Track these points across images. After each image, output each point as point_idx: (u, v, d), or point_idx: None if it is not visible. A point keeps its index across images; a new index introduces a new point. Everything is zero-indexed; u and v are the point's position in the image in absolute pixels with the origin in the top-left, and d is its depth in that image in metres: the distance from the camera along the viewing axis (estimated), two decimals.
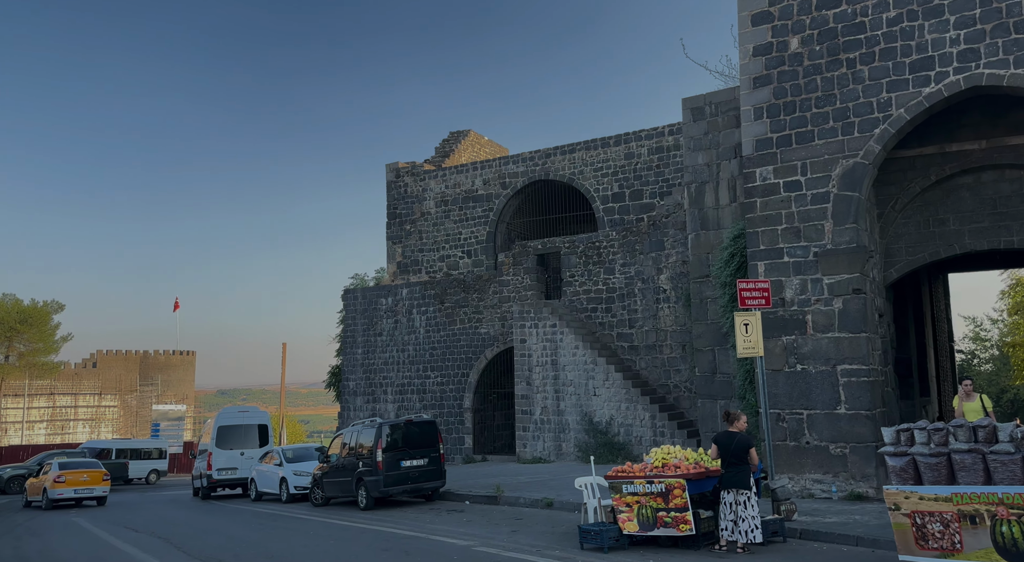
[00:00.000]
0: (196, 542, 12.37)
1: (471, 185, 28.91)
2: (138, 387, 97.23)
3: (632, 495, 9.63)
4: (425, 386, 27.05)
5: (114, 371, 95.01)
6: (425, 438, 16.49)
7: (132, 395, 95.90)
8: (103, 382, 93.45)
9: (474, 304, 26.44)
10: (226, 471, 23.16)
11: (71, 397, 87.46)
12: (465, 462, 25.48)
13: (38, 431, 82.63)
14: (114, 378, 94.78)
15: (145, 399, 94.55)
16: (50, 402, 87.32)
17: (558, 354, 23.34)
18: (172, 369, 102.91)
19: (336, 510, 16.51)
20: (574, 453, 22.51)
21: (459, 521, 13.08)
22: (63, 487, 22.28)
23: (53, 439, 77.58)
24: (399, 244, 30.08)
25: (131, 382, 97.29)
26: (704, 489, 9.60)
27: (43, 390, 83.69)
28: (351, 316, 28.81)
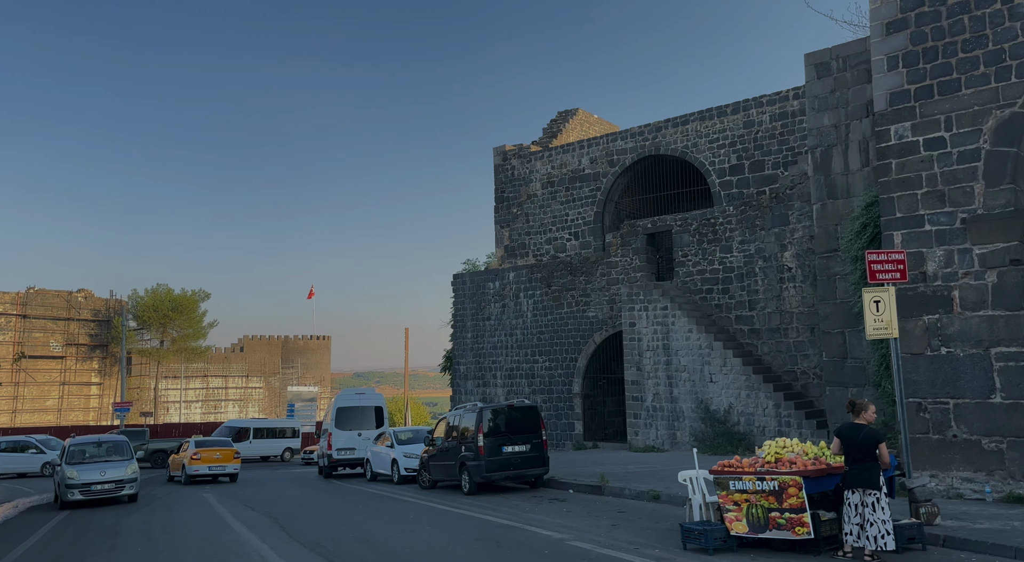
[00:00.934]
0: (302, 523, 12.55)
1: (577, 164, 28.05)
2: (280, 370, 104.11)
3: (740, 492, 8.62)
4: (533, 371, 26.65)
5: (259, 355, 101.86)
6: (527, 424, 16.02)
7: (275, 377, 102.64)
8: (249, 365, 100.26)
9: (581, 287, 25.67)
10: (345, 451, 23.86)
11: (222, 379, 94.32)
12: (575, 448, 24.87)
13: (194, 410, 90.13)
14: (259, 361, 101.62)
15: (287, 381, 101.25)
16: (204, 384, 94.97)
17: (670, 338, 22.15)
18: (310, 353, 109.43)
19: (441, 494, 16.42)
20: (689, 442, 21.31)
21: (558, 511, 12.50)
22: (199, 464, 23.78)
23: (207, 417, 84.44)
24: (506, 228, 29.77)
25: (274, 365, 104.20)
26: (825, 488, 8.43)
27: (197, 373, 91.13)
28: (460, 301, 28.88)
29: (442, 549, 9.46)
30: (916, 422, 11.35)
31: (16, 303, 52.81)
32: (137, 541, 11.64)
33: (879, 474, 8.02)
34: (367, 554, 9.36)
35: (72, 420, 53.21)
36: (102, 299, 58.56)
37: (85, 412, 55.39)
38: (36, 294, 54.26)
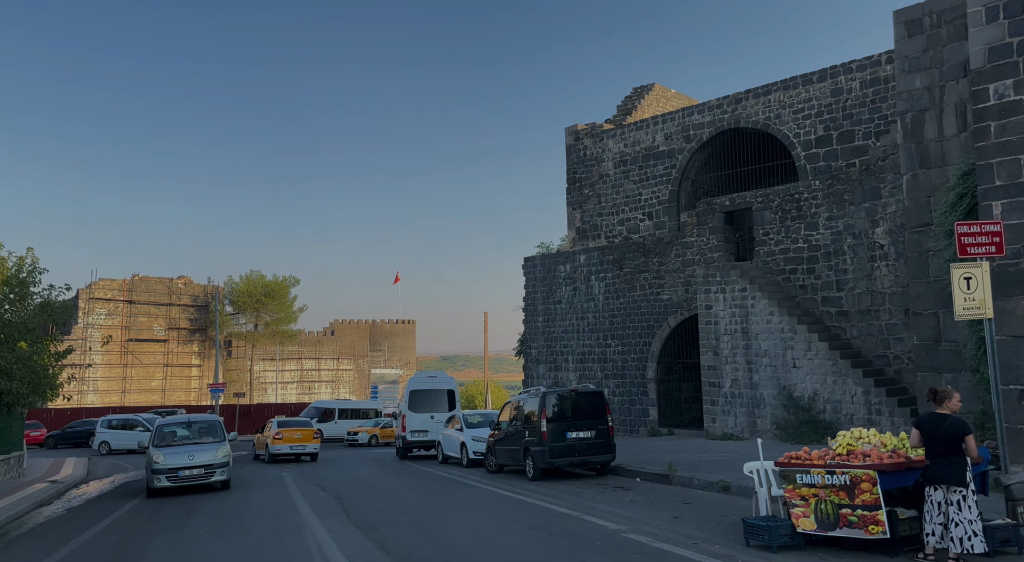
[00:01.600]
0: (363, 505, 12.62)
1: (651, 141, 27.07)
2: (368, 353, 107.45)
3: (808, 487, 7.92)
4: (606, 355, 26.07)
5: (348, 338, 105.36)
6: (592, 410, 15.58)
7: (364, 360, 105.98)
8: (340, 348, 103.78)
9: (655, 269, 24.82)
10: (418, 433, 24.13)
11: (315, 361, 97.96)
12: (650, 435, 24.20)
13: (290, 390, 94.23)
14: (349, 344, 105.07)
15: (375, 363, 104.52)
16: (298, 365, 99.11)
17: (749, 321, 21.08)
18: (396, 336, 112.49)
19: (505, 478, 16.24)
20: (771, 430, 20.28)
21: (620, 500, 12.04)
22: (281, 443, 24.61)
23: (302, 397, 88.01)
24: (578, 209, 29.16)
25: (363, 348, 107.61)
26: (903, 483, 7.62)
27: (292, 355, 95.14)
28: (531, 284, 28.57)
29: (493, 537, 9.22)
30: (1015, 411, 10.19)
31: (123, 289, 56.54)
32: (208, 520, 12.02)
33: (966, 469, 7.16)
34: (417, 539, 9.23)
35: (175, 400, 56.62)
36: (200, 285, 61.83)
37: (187, 392, 58.81)
38: (140, 281, 57.89)
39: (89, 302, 54.82)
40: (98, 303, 55.23)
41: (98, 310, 55.17)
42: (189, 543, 10.02)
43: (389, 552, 8.42)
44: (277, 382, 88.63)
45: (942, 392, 7.34)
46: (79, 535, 11.18)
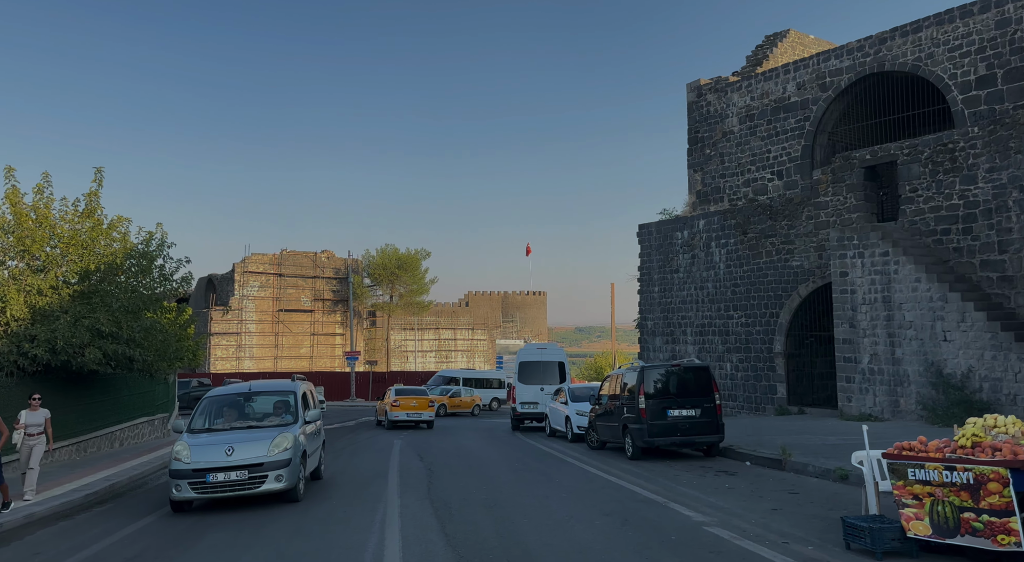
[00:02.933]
0: (450, 479, 12.36)
1: (782, 93, 24.61)
2: (501, 323, 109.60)
3: (922, 484, 6.56)
4: (728, 327, 24.31)
5: (482, 309, 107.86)
6: (697, 386, 14.38)
7: (497, 330, 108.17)
8: (474, 319, 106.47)
9: (783, 233, 22.67)
10: (527, 405, 23.85)
11: (451, 331, 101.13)
12: (777, 414, 22.35)
13: (429, 359, 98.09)
14: (482, 315, 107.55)
15: (507, 334, 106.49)
16: (436, 335, 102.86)
17: (891, 289, 18.69)
18: (527, 308, 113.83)
19: (605, 456, 15.49)
20: (915, 411, 17.97)
21: (718, 487, 10.92)
22: (398, 410, 25.30)
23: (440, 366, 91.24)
24: (699, 171, 27.26)
25: (495, 319, 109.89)
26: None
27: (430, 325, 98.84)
28: (646, 252, 27.18)
29: (561, 523, 8.53)
30: None
31: (273, 263, 60.75)
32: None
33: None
34: (483, 521, 8.73)
35: (321, 366, 60.43)
36: (341, 258, 65.15)
37: (331, 359, 62.56)
38: (288, 255, 61.91)
39: (244, 275, 59.41)
40: (251, 276, 59.74)
41: (251, 283, 59.70)
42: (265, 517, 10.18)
43: (448, 534, 7.99)
44: (416, 351, 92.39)
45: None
46: None
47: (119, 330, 14.26)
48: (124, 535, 8.73)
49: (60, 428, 15.17)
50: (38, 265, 14.34)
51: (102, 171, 15.75)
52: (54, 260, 14.38)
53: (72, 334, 13.28)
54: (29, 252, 13.95)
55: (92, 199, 15.44)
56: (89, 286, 14.75)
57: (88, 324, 13.67)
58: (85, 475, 12.99)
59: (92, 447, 16.75)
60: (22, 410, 11.26)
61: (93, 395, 16.71)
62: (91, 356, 13.64)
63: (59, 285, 14.10)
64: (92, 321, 13.71)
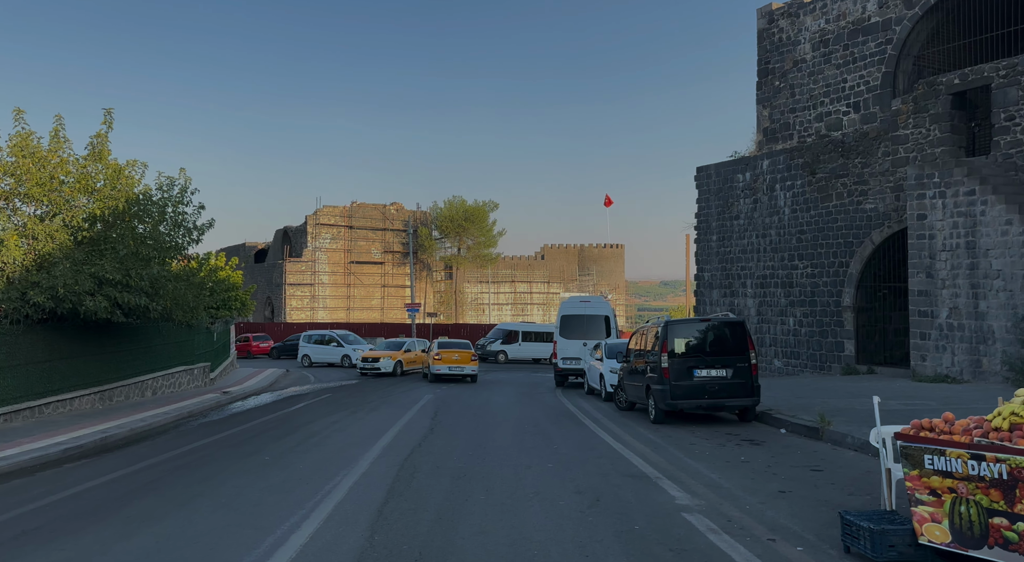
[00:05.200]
0: (442, 443, 11.32)
1: (860, 13, 21.66)
2: (577, 277, 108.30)
3: (942, 476, 5.04)
4: (791, 278, 22.15)
5: (558, 263, 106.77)
6: (731, 344, 12.80)
7: (573, 284, 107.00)
8: (550, 272, 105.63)
9: (856, 172, 20.19)
10: (570, 361, 22.72)
11: (527, 284, 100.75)
12: (844, 373, 20.30)
13: (505, 312, 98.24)
14: (558, 269, 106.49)
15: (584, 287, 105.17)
16: (512, 288, 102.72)
17: (977, 234, 16.22)
18: (604, 261, 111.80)
19: (629, 418, 14.23)
20: (1001, 372, 15.71)
21: (731, 460, 9.49)
22: (440, 363, 24.71)
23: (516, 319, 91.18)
24: (768, 106, 24.70)
25: (571, 272, 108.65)
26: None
27: (506, 278, 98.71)
28: (705, 198, 25.08)
29: (521, 502, 7.32)
30: None
31: (344, 216, 61.35)
32: (297, 439, 11.82)
33: None
34: (432, 498, 7.62)
35: (392, 318, 61.15)
36: (410, 211, 65.10)
37: (401, 311, 63.18)
38: (358, 207, 62.33)
39: (316, 227, 60.34)
40: (323, 228, 60.61)
41: (324, 235, 60.60)
42: (234, 469, 9.60)
43: (383, 514, 6.87)
44: (491, 304, 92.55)
45: None
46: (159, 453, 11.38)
47: (127, 278, 13.99)
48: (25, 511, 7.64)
49: (79, 377, 15.26)
50: (43, 210, 14.18)
51: (112, 112, 15.36)
52: (56, 204, 14.17)
53: (74, 281, 13.06)
54: (30, 195, 13.75)
55: (100, 141, 15.09)
56: (96, 233, 14.51)
57: (93, 271, 13.43)
58: (86, 426, 12.91)
59: (120, 396, 16.91)
60: None
61: (119, 344, 16.76)
62: (95, 304, 13.43)
63: (60, 230, 13.88)
64: (97, 269, 13.46)
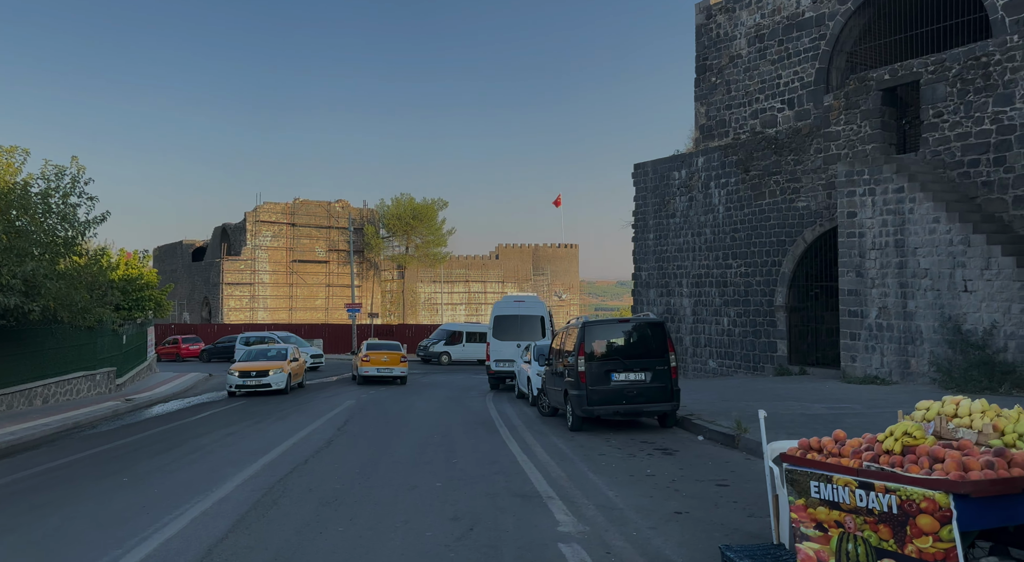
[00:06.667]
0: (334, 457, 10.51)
1: (795, 8, 21.36)
2: (532, 277, 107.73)
3: (828, 507, 4.33)
4: (726, 278, 21.76)
5: (512, 262, 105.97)
6: (650, 346, 12.14)
7: (528, 283, 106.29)
8: (504, 272, 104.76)
9: (789, 170, 19.86)
10: (503, 363, 21.90)
11: (481, 284, 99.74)
12: (776, 374, 19.95)
13: (459, 312, 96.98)
14: (512, 268, 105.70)
15: (538, 287, 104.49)
16: (466, 288, 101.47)
17: (905, 231, 15.96)
18: (559, 261, 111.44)
19: (549, 425, 13.49)
20: (928, 373, 15.46)
21: (636, 474, 8.75)
22: (368, 366, 23.66)
23: (471, 319, 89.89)
24: (704, 103, 24.29)
25: (526, 272, 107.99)
26: (1010, 521, 3.80)
27: (460, 278, 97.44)
28: (642, 195, 24.56)
29: (380, 536, 6.32)
30: None
31: (286, 213, 59.42)
32: (175, 455, 10.76)
33: None
34: (277, 535, 6.76)
35: (336, 318, 59.48)
36: (356, 208, 63.46)
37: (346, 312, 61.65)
38: (301, 204, 60.46)
39: (256, 225, 58.30)
40: (264, 226, 58.57)
41: (264, 232, 58.55)
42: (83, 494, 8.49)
43: (211, 555, 5.83)
44: (445, 304, 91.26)
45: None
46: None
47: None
48: None
49: None
50: None
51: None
52: None
53: None
54: None
55: None
56: None
57: None
58: None
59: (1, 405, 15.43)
60: None
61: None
62: None
63: None
64: None
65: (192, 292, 63.61)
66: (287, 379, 20.31)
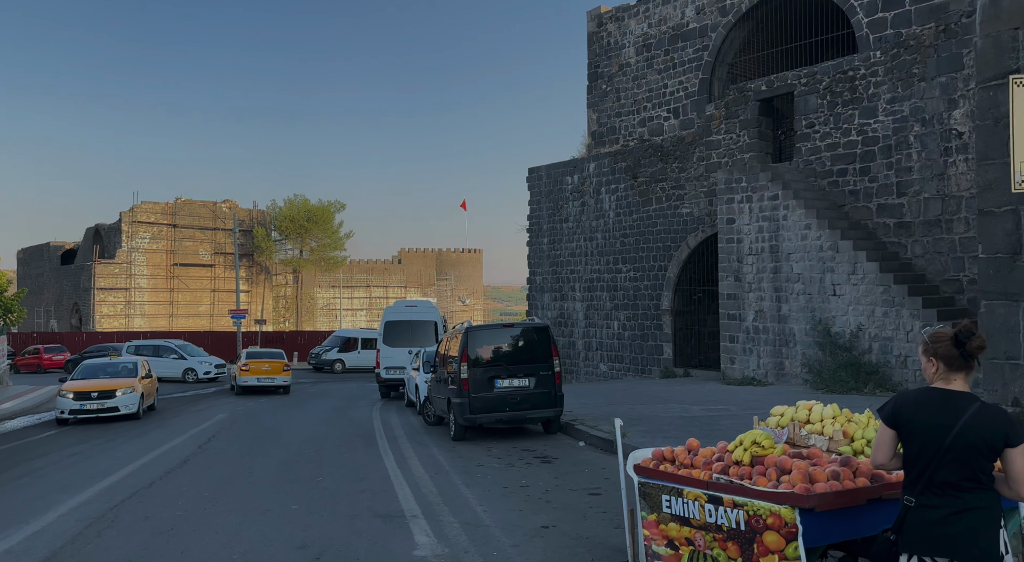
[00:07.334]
0: (176, 484, 9.66)
1: (680, 18, 21.92)
2: (435, 281, 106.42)
3: (680, 523, 4.08)
4: (616, 282, 22.00)
5: (416, 267, 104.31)
6: (534, 351, 11.88)
7: (431, 288, 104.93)
8: (407, 276, 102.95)
9: (674, 177, 20.27)
10: (394, 370, 21.16)
11: (383, 289, 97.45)
12: (663, 376, 20.28)
13: (360, 318, 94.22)
14: (416, 273, 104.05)
15: (442, 292, 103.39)
16: (367, 294, 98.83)
17: (780, 237, 16.53)
18: (463, 265, 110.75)
19: (432, 434, 13.01)
20: (801, 374, 16.03)
21: (510, 486, 8.43)
22: (248, 375, 22.34)
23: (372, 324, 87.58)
24: (596, 110, 24.55)
25: (429, 277, 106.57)
26: (855, 533, 3.66)
27: (361, 283, 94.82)
28: (536, 200, 24.53)
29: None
30: None
31: (166, 213, 55.88)
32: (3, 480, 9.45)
33: (998, 522, 3.12)
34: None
35: (222, 325, 56.43)
36: (245, 210, 60.56)
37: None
38: (184, 204, 57.03)
39: (132, 226, 54.49)
40: (141, 227, 54.81)
41: (142, 234, 54.79)
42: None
43: None
44: (345, 309, 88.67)
45: (942, 349, 3.22)
46: None
47: None
48: None
49: None
50: None
51: None
52: None
53: None
54: None
55: None
56: None
57: None
58: None
59: None
60: None
61: None
62: None
63: None
64: None
65: (60, 298, 58.71)
66: (139, 400, 16.45)
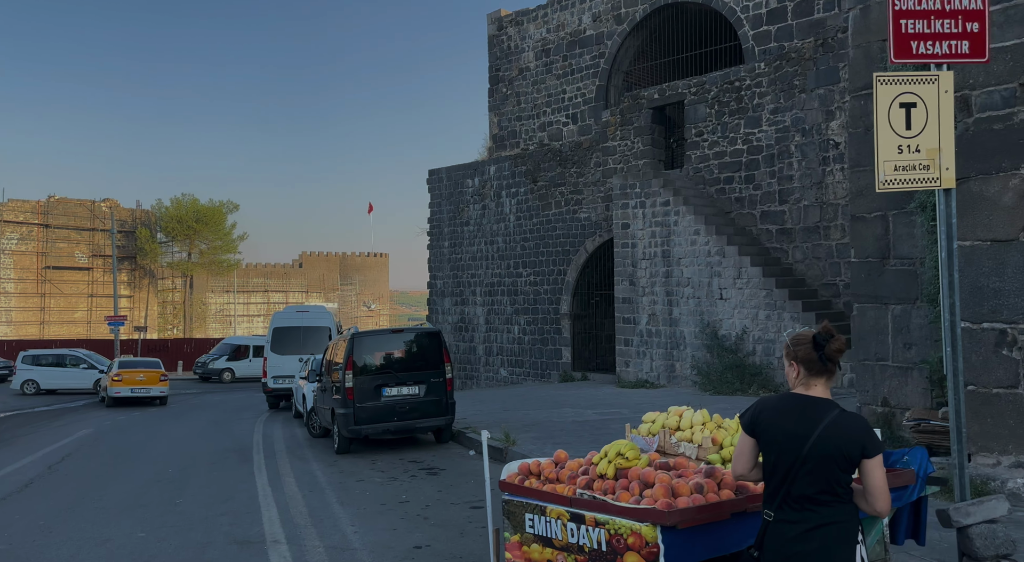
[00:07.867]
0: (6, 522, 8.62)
1: (577, 25, 22.12)
2: (339, 286, 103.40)
3: (542, 544, 3.81)
4: (517, 286, 21.89)
5: (318, 271, 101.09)
6: (424, 358, 11.44)
7: (334, 293, 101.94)
8: (309, 281, 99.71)
9: (572, 182, 20.37)
10: (283, 379, 20.13)
11: (282, 294, 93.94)
12: (561, 380, 20.30)
13: (257, 324, 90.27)
14: (318, 277, 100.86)
15: (346, 297, 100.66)
16: (264, 299, 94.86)
17: (671, 243, 16.84)
18: (368, 270, 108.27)
19: (316, 447, 12.35)
20: (691, 376, 16.36)
21: (387, 503, 7.97)
22: (120, 386, 20.74)
23: None
24: (497, 113, 24.42)
25: (333, 281, 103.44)
26: (721, 550, 3.50)
27: (259, 288, 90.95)
28: (436, 202, 24.12)
29: None
30: (989, 366, 6.09)
31: (37, 212, 51.63)
32: None
33: (855, 537, 2.99)
34: None
35: (101, 333, 52.64)
36: (128, 209, 56.86)
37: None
38: (58, 203, 52.87)
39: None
40: (9, 226, 50.40)
41: (9, 234, 50.39)
42: None
43: None
44: (236, 315, 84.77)
45: (802, 353, 3.10)
46: None
47: None
48: None
49: None
50: None
51: None
52: None
53: None
54: None
55: None
56: None
57: None
58: None
59: None
60: None
61: None
62: None
63: None
64: None
65: None
66: None
